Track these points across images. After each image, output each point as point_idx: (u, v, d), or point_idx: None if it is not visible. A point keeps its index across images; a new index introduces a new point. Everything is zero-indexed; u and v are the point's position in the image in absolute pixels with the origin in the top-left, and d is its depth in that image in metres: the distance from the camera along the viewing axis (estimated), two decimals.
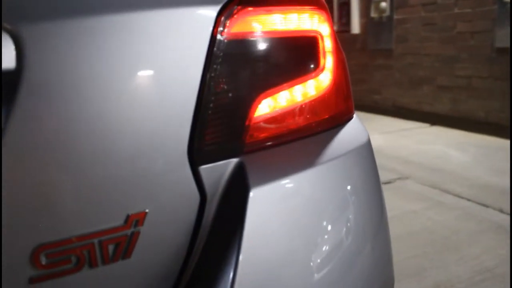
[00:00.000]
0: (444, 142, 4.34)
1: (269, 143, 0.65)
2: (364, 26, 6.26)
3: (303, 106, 0.70)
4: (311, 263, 0.61)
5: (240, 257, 0.54)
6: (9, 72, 0.46)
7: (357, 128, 0.81)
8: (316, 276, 0.61)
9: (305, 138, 0.71)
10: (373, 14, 5.96)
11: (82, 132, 0.50)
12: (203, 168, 0.58)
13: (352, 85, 0.82)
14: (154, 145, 0.54)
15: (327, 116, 0.75)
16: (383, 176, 3.39)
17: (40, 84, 0.47)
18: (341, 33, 6.72)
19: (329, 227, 0.64)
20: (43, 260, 0.51)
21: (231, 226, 0.56)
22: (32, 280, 0.50)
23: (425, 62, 5.36)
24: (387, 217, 0.83)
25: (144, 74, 0.53)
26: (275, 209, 0.59)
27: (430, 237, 2.33)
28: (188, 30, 0.56)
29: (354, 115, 0.85)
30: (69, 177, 0.50)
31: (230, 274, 0.53)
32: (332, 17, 6.72)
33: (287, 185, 0.61)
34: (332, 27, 0.77)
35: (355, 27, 6.34)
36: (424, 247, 2.23)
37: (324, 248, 0.63)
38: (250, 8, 0.62)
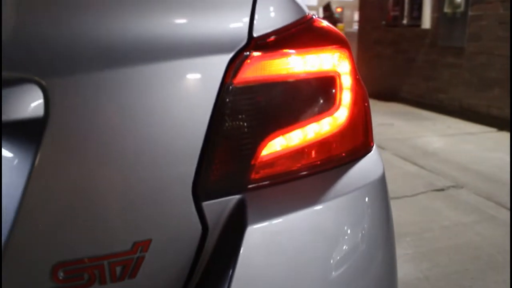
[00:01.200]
0: (509, 150, 4.12)
1: (276, 180, 0.70)
2: (435, 21, 5.99)
3: (315, 143, 0.74)
4: None
5: (232, 286, 0.60)
6: (37, 120, 0.54)
7: (373, 161, 0.83)
8: None
9: (315, 174, 0.74)
10: (447, 9, 5.69)
11: (99, 172, 0.57)
12: (206, 204, 0.63)
13: (417, 81, 0.82)
14: (162, 182, 0.60)
15: (340, 152, 0.77)
16: (437, 182, 3.30)
17: (63, 131, 0.55)
18: (410, 28, 6.48)
19: (326, 267, 0.68)
20: (61, 275, 0.59)
21: (227, 258, 0.62)
22: None
23: (499, 63, 5.07)
24: (395, 257, 0.84)
25: (157, 117, 0.59)
26: (270, 245, 0.64)
27: (475, 253, 2.26)
28: (200, 76, 0.61)
29: (374, 147, 0.86)
30: (87, 209, 0.58)
31: None
32: (402, 11, 6.48)
33: (285, 223, 0.65)
34: (353, 62, 0.79)
35: (426, 21, 6.09)
36: (467, 263, 2.17)
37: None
38: (264, 53, 0.66)
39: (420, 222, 2.71)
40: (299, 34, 0.70)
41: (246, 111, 0.65)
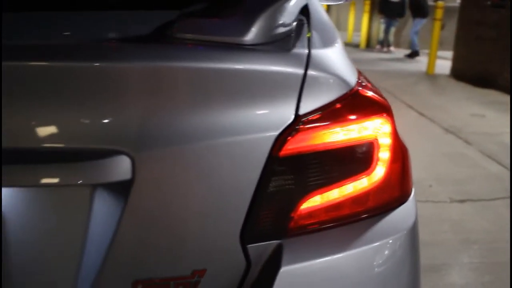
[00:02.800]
0: None
1: (311, 229, 0.83)
2: None
3: (351, 198, 0.86)
4: None
5: None
6: (126, 181, 0.73)
7: (406, 211, 0.93)
8: None
9: (347, 224, 0.86)
10: None
11: (172, 219, 0.76)
12: (250, 246, 0.79)
13: None
14: (218, 228, 0.77)
15: (374, 205, 0.88)
16: None
17: (144, 189, 0.73)
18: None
19: None
20: None
21: None
22: None
23: None
24: None
25: (217, 179, 0.75)
26: (300, 284, 0.79)
27: None
28: (251, 148, 0.76)
29: (411, 196, 0.96)
30: (161, 244, 0.77)
31: None
32: None
33: (314, 266, 0.79)
34: (393, 124, 0.89)
35: None
36: None
37: None
38: (309, 128, 0.79)
39: (492, 231, 2.67)
40: (343, 108, 0.81)
41: (289, 176, 0.79)
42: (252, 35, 0.76)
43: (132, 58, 0.74)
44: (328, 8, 15.73)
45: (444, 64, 8.20)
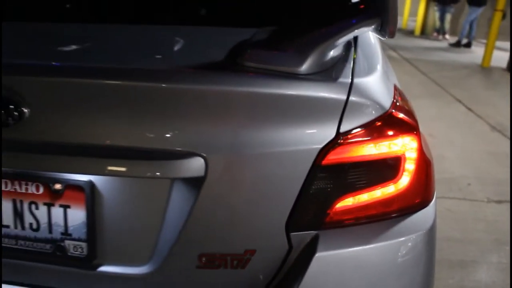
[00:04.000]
0: None
1: (343, 224, 1.02)
2: None
3: (379, 201, 1.03)
4: None
5: None
6: (199, 177, 0.94)
7: (427, 215, 1.09)
8: None
9: (375, 222, 1.04)
10: None
11: (235, 206, 0.96)
12: (293, 234, 0.99)
13: None
14: (268, 217, 0.97)
15: (399, 208, 1.05)
16: None
17: (215, 184, 0.94)
18: None
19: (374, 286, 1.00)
20: (203, 260, 1.00)
21: (301, 269, 0.97)
22: (196, 268, 1.01)
23: None
24: None
25: (272, 178, 0.95)
26: (330, 268, 0.98)
27: None
28: (299, 157, 0.94)
29: (432, 202, 1.12)
30: (224, 227, 0.98)
31: None
32: None
33: (342, 254, 0.99)
34: (419, 140, 1.05)
35: None
36: None
37: None
38: (347, 143, 0.96)
39: None
40: (377, 128, 0.98)
41: (328, 180, 0.98)
42: (305, 66, 0.94)
43: (210, 82, 0.94)
44: None
45: (502, 56, 7.97)
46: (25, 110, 0.95)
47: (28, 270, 1.10)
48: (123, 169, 0.97)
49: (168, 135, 0.94)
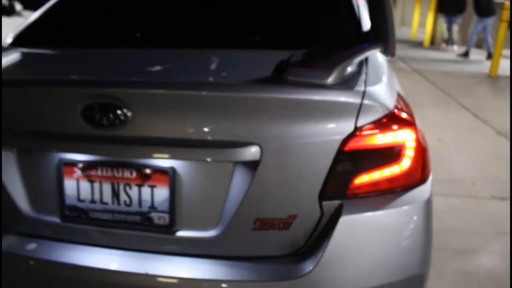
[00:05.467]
0: None
1: (361, 195, 1.37)
2: None
3: (387, 178, 1.38)
4: (369, 254, 1.34)
5: (329, 244, 1.31)
6: (255, 161, 1.29)
7: (424, 190, 1.43)
8: (369, 259, 1.34)
9: (385, 194, 1.39)
10: None
11: (281, 183, 1.32)
12: (324, 202, 1.34)
13: None
14: (306, 189, 1.33)
15: (403, 184, 1.40)
16: None
17: (268, 166, 1.30)
18: None
19: (384, 243, 1.35)
20: (257, 224, 1.36)
21: (330, 229, 1.32)
22: (252, 230, 1.36)
23: None
24: (430, 249, 1.45)
25: (309, 159, 1.30)
26: (353, 228, 1.33)
27: None
28: (328, 144, 1.30)
29: (429, 180, 1.46)
30: (272, 199, 1.33)
31: (323, 248, 1.31)
32: None
33: (363, 217, 1.33)
34: (416, 132, 1.39)
35: None
36: None
37: (378, 248, 1.34)
38: (362, 135, 1.32)
39: None
40: (383, 123, 1.34)
41: (349, 162, 1.33)
42: (331, 79, 1.31)
43: (264, 91, 1.32)
44: (394, 3, 15.80)
45: (509, 65, 8.23)
46: (128, 114, 1.32)
47: (123, 237, 1.46)
48: (198, 156, 1.34)
49: (232, 130, 1.31)
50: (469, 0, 10.26)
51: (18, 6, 5.12)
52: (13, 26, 4.67)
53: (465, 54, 10.04)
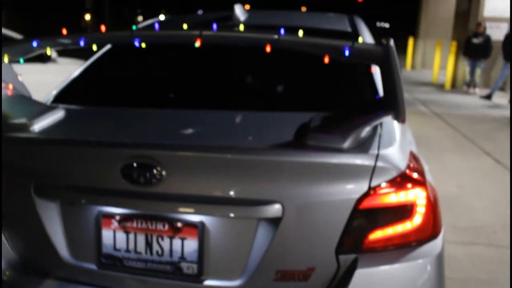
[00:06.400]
0: None
1: (375, 250, 1.47)
2: None
3: (400, 234, 1.48)
4: None
5: None
6: (278, 217, 1.42)
7: (436, 244, 1.53)
8: None
9: (397, 249, 1.48)
10: None
11: (301, 238, 1.44)
12: (341, 256, 1.45)
13: None
14: (324, 244, 1.44)
15: (415, 238, 1.50)
16: None
17: (289, 222, 1.43)
18: None
19: None
20: (278, 275, 1.47)
21: (347, 279, 1.42)
22: (274, 280, 1.47)
23: None
24: None
25: (325, 216, 1.42)
26: (367, 279, 1.42)
27: None
28: (344, 203, 1.42)
29: (440, 234, 1.55)
30: (292, 253, 1.45)
31: None
32: None
33: (376, 270, 1.43)
34: (427, 190, 1.50)
35: None
36: None
37: None
38: (376, 194, 1.43)
39: None
40: (396, 183, 1.45)
41: (364, 219, 1.45)
42: (347, 143, 1.44)
43: (286, 155, 1.46)
44: (414, 46, 16.03)
45: None
46: (163, 173, 1.47)
47: (154, 284, 1.59)
48: (225, 212, 1.48)
49: (257, 189, 1.44)
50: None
51: (53, 53, 5.42)
52: (48, 72, 4.90)
53: (488, 97, 10.08)
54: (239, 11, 2.45)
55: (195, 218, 1.51)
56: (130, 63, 2.39)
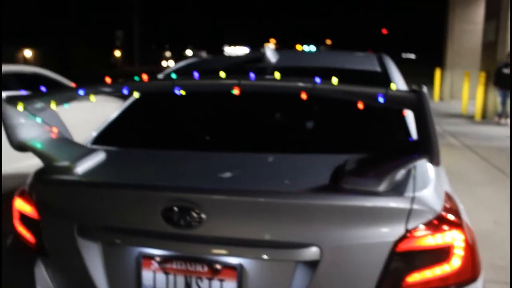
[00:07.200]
0: None
1: None
2: None
3: (439, 277, 1.47)
4: None
5: None
6: (316, 260, 1.44)
7: (476, 286, 1.50)
8: None
9: None
10: None
11: (338, 280, 1.45)
12: None
13: None
14: (362, 287, 1.45)
15: (454, 282, 1.48)
16: None
17: (327, 264, 1.44)
18: None
19: None
20: None
21: None
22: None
23: None
24: None
25: (363, 260, 1.44)
26: None
27: None
28: (381, 246, 1.43)
29: (479, 277, 1.53)
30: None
31: None
32: None
33: None
34: (464, 233, 1.49)
35: None
36: None
37: None
38: (413, 237, 1.44)
39: None
40: (432, 225, 1.46)
41: (401, 261, 1.45)
42: (383, 186, 1.46)
43: (323, 199, 1.49)
44: (442, 77, 15.91)
45: None
46: (203, 216, 1.52)
47: None
48: (264, 255, 1.50)
49: (294, 232, 1.47)
50: None
51: None
52: (83, 109, 5.01)
53: None
54: (270, 53, 2.52)
55: (234, 260, 1.54)
56: (168, 106, 2.47)
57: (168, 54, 53.87)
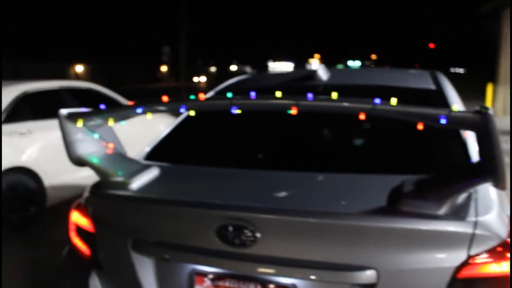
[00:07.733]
0: None
1: None
2: None
3: None
4: None
5: None
6: (371, 284, 1.39)
7: None
8: None
9: None
10: None
11: None
12: None
13: None
14: None
15: None
16: None
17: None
18: None
19: None
20: None
21: None
22: None
23: None
24: None
25: (420, 286, 1.38)
26: None
27: None
28: (442, 272, 1.37)
29: None
30: None
31: None
32: None
33: None
34: None
35: None
36: None
37: None
38: (475, 263, 1.37)
39: None
40: (496, 252, 1.38)
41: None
42: (443, 209, 1.41)
43: (381, 221, 1.45)
44: (494, 92, 15.31)
45: None
46: (257, 235, 1.51)
47: None
48: (317, 276, 1.47)
49: (350, 254, 1.43)
50: None
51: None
52: (135, 123, 5.15)
53: None
54: (322, 71, 2.51)
55: (287, 280, 1.52)
56: (219, 122, 2.49)
57: (213, 69, 54.79)
